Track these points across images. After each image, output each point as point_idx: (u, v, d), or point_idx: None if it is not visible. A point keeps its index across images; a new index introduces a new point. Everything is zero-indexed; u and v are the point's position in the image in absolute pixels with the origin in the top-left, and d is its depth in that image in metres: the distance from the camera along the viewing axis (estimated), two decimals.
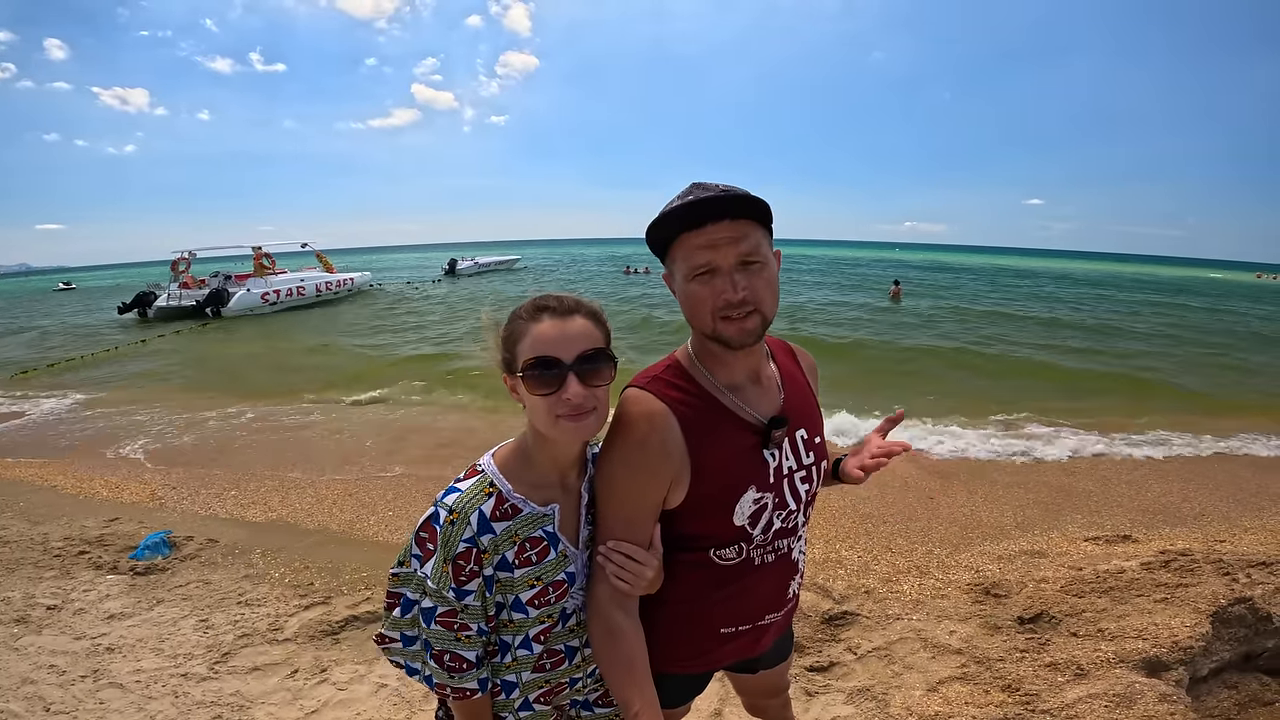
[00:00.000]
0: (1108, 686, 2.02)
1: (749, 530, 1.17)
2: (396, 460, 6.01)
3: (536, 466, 1.12)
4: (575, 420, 1.03)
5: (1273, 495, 4.85)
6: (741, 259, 1.04)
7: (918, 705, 2.28)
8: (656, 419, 1.10)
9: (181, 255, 21.25)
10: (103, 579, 3.38)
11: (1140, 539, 3.83)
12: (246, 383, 10.15)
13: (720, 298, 1.05)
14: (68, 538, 3.81)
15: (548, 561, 1.11)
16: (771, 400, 1.20)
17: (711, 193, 1.04)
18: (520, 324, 1.06)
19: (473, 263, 39.56)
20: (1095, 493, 4.96)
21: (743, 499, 1.14)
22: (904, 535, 4.16)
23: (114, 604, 3.12)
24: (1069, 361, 11.55)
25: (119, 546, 3.74)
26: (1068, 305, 22.66)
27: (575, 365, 1.02)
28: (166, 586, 3.34)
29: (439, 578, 1.04)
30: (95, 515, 4.31)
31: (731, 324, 1.06)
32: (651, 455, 1.09)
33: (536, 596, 1.11)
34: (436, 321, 17.84)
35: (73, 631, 2.89)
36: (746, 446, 1.14)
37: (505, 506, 1.07)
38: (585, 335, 1.05)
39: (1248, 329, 17.09)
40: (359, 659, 2.74)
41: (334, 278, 25.61)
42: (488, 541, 1.05)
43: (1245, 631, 2.28)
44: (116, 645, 2.77)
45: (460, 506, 1.05)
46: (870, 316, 18.27)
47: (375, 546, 4.10)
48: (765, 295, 1.07)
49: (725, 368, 1.16)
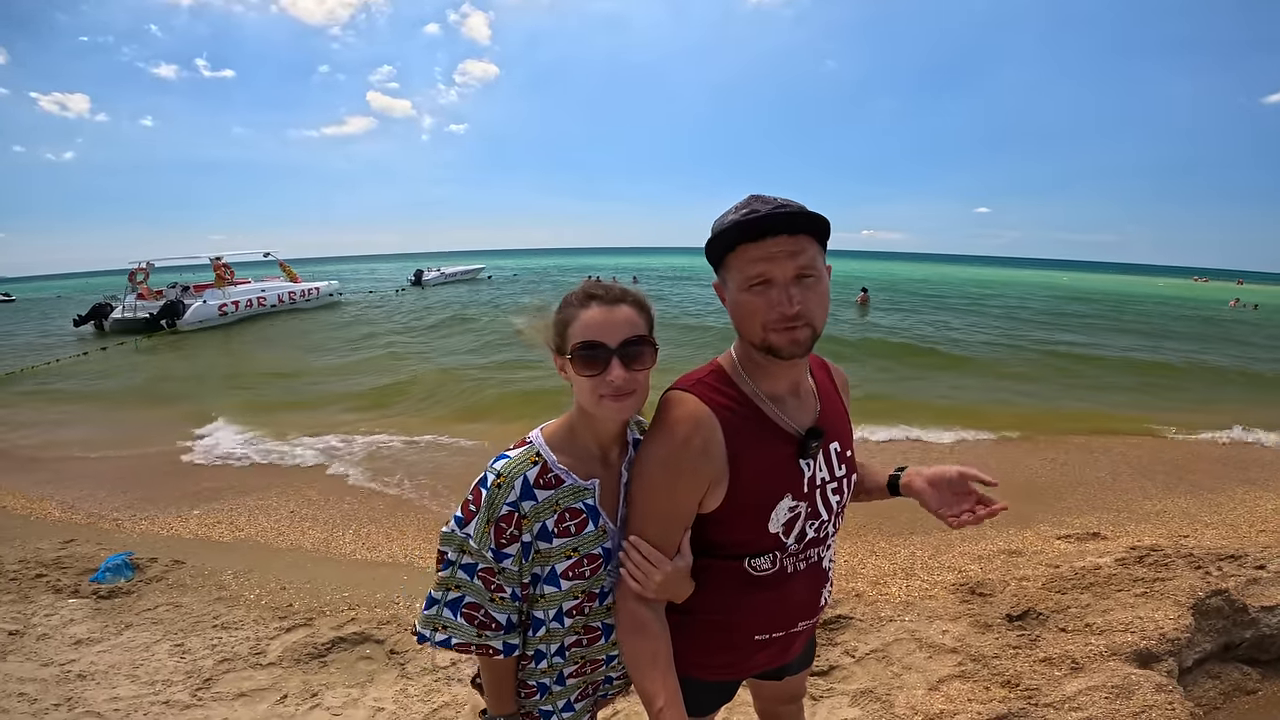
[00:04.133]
0: (1105, 678, 2.09)
1: (783, 539, 1.18)
2: (367, 477, 5.82)
3: (581, 441, 1.17)
4: (617, 400, 1.09)
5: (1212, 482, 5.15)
6: (798, 272, 1.06)
7: (922, 704, 2.32)
8: (701, 421, 1.11)
9: (139, 265, 20.40)
10: (64, 603, 3.17)
11: (1109, 536, 4.00)
12: (197, 397, 9.70)
13: (774, 310, 1.06)
14: (22, 560, 3.57)
15: (586, 534, 1.16)
16: (809, 412, 1.23)
17: (771, 206, 1.06)
18: (571, 310, 1.12)
19: (439, 273, 39.25)
20: (1061, 491, 5.17)
21: (778, 507, 1.16)
22: (885, 538, 4.25)
23: (79, 629, 2.93)
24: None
25: (78, 569, 3.52)
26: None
27: (619, 350, 1.08)
28: (134, 610, 3.15)
29: (480, 537, 1.10)
30: (49, 537, 4.05)
31: (783, 334, 1.07)
32: (693, 457, 1.10)
33: (571, 568, 1.15)
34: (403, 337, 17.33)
35: (39, 658, 2.71)
36: (784, 456, 1.16)
37: (549, 476, 1.13)
38: (629, 322, 1.10)
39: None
40: (350, 682, 2.64)
41: (299, 287, 24.77)
42: (529, 508, 1.10)
43: (1224, 623, 2.40)
44: (88, 672, 2.60)
45: (507, 471, 1.11)
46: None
47: (353, 565, 3.96)
48: (818, 310, 1.09)
49: (769, 378, 1.17)
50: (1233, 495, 4.96)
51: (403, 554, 4.10)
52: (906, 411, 7.99)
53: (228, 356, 14.74)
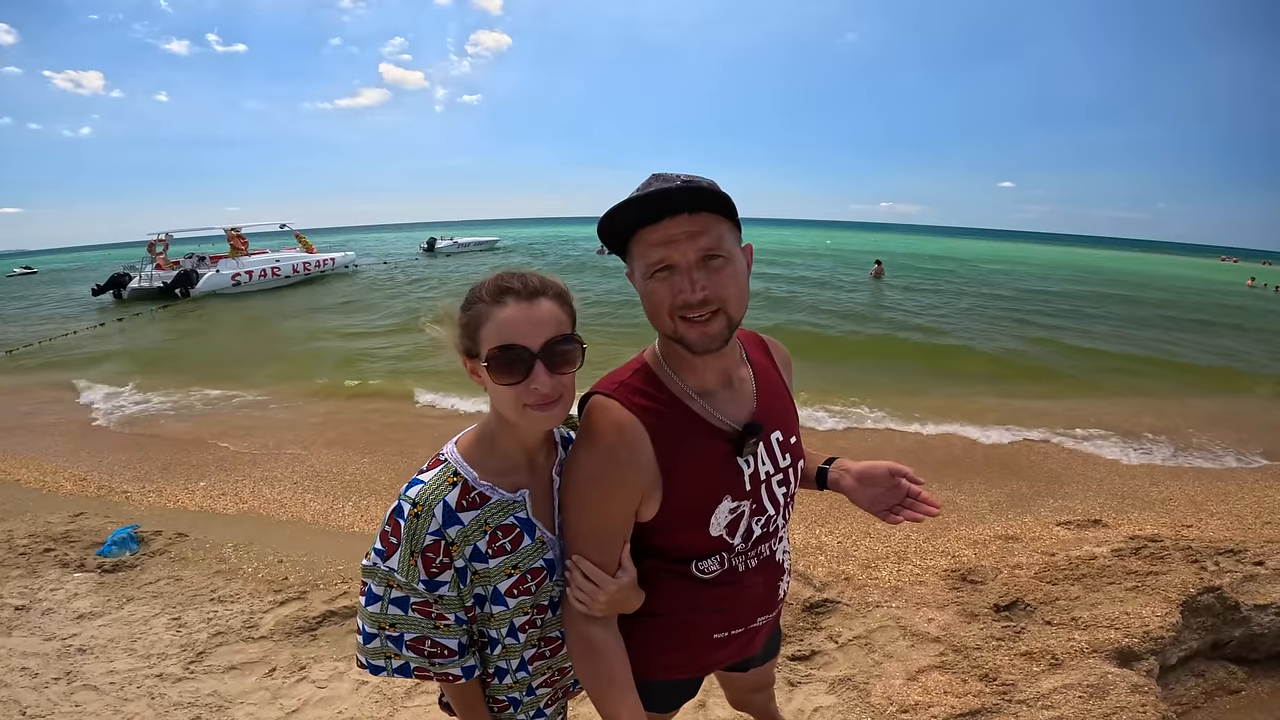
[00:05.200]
0: (1081, 677, 2.06)
1: (728, 539, 1.13)
2: (365, 447, 5.90)
3: (502, 451, 1.07)
4: (543, 410, 0.99)
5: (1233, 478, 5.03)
6: (702, 254, 0.97)
7: (898, 695, 2.31)
8: (625, 430, 1.04)
9: (159, 237, 20.98)
10: (70, 577, 3.27)
11: (1110, 523, 3.92)
12: (207, 368, 9.87)
13: (679, 297, 0.98)
14: (32, 534, 3.68)
15: (523, 548, 1.07)
16: (745, 404, 1.14)
17: (671, 184, 0.96)
18: (483, 308, 0.98)
19: (452, 242, 39.28)
20: (1065, 476, 5.08)
21: (718, 510, 1.10)
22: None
23: (83, 603, 3.03)
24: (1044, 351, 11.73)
25: (85, 543, 3.62)
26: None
27: (542, 353, 0.97)
28: (136, 584, 3.24)
29: (406, 571, 1.00)
30: (59, 510, 4.16)
31: (693, 326, 0.99)
32: (620, 468, 1.03)
33: (515, 585, 1.07)
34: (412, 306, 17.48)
35: (42, 632, 2.80)
36: (719, 456, 1.09)
37: (472, 495, 1.03)
38: (553, 320, 0.98)
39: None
40: (338, 655, 2.69)
41: (313, 258, 24.96)
42: (455, 533, 1.00)
43: (1214, 621, 2.35)
44: (88, 646, 2.68)
45: (423, 499, 1.00)
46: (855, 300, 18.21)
47: (350, 537, 4.03)
48: (730, 293, 1.00)
49: (694, 372, 1.09)
50: (1242, 484, 4.84)
51: None
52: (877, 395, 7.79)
53: (239, 323, 14.94)
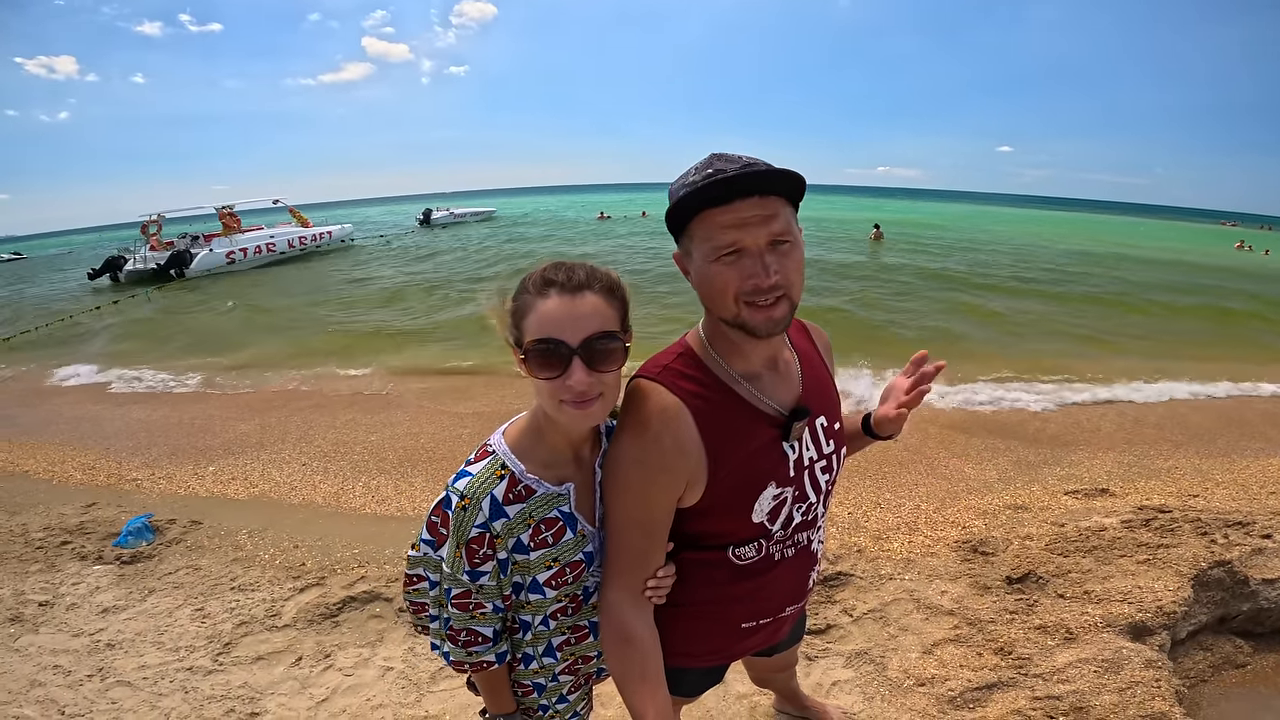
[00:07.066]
0: (1096, 651, 2.10)
1: (768, 526, 1.13)
2: (369, 425, 5.89)
3: (549, 443, 1.07)
4: (580, 407, 0.97)
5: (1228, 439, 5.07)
6: (773, 239, 0.96)
7: (914, 668, 2.36)
8: (670, 414, 1.03)
9: (151, 218, 20.68)
10: (90, 570, 3.30)
11: (1117, 492, 3.97)
12: (203, 348, 9.82)
13: (749, 281, 0.96)
14: (47, 527, 3.70)
15: (565, 542, 1.09)
16: (791, 388, 1.14)
17: (738, 166, 0.94)
18: (527, 298, 0.98)
19: (448, 213, 38.85)
20: (1070, 442, 5.12)
21: (762, 496, 1.09)
22: (891, 489, 4.24)
23: (105, 596, 3.06)
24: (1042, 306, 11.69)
25: (101, 534, 3.64)
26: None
27: (581, 349, 0.95)
28: (156, 575, 3.27)
29: (452, 561, 1.04)
30: (72, 501, 4.17)
31: (758, 311, 0.98)
32: (666, 454, 1.03)
33: (554, 578, 1.09)
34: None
35: (70, 629, 2.83)
36: (766, 441, 1.09)
37: (519, 488, 1.04)
38: (595, 314, 0.96)
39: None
40: (361, 641, 2.74)
41: (309, 232, 24.60)
42: (501, 526, 1.02)
43: (1223, 595, 2.38)
44: (116, 641, 2.72)
45: (472, 492, 1.02)
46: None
47: (363, 519, 4.05)
48: (795, 279, 0.99)
49: (742, 356, 1.08)
50: (1245, 452, 4.88)
51: (411, 507, 4.18)
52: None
53: (239, 301, 14.83)
